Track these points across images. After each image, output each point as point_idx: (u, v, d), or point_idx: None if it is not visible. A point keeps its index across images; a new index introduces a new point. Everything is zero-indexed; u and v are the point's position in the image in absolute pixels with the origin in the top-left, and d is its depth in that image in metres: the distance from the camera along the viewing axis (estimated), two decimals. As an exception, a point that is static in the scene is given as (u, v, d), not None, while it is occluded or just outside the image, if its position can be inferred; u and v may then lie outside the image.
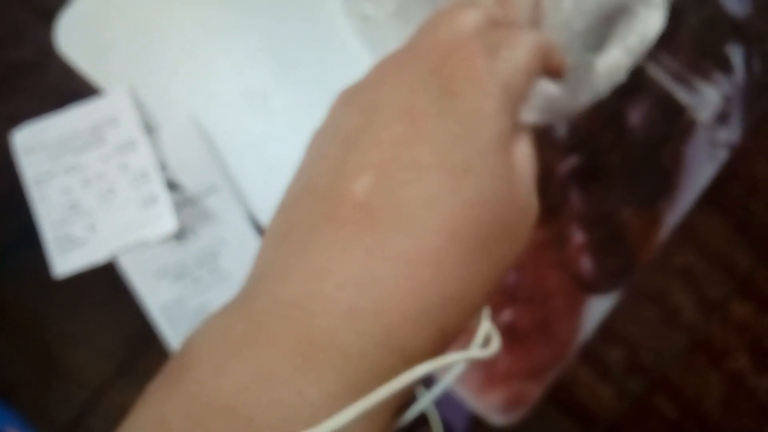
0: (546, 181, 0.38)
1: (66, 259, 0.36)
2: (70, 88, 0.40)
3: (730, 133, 0.38)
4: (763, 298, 0.44)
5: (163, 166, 0.38)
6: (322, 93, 0.38)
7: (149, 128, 0.38)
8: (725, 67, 0.39)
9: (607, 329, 0.45)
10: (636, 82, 0.38)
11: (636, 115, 0.38)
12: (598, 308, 0.37)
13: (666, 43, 0.39)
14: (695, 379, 0.46)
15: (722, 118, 0.38)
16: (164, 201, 0.37)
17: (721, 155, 0.38)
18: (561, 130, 0.38)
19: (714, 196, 0.45)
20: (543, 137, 0.38)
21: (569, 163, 0.38)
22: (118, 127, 0.37)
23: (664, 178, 0.38)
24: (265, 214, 0.38)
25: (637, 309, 0.45)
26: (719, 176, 0.45)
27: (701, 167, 0.38)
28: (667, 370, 0.45)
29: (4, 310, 0.44)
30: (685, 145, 0.38)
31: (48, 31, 0.39)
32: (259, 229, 0.39)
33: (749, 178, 0.45)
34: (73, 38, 0.38)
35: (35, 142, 0.37)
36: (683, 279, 0.45)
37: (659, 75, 0.38)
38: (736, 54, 0.39)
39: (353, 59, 0.38)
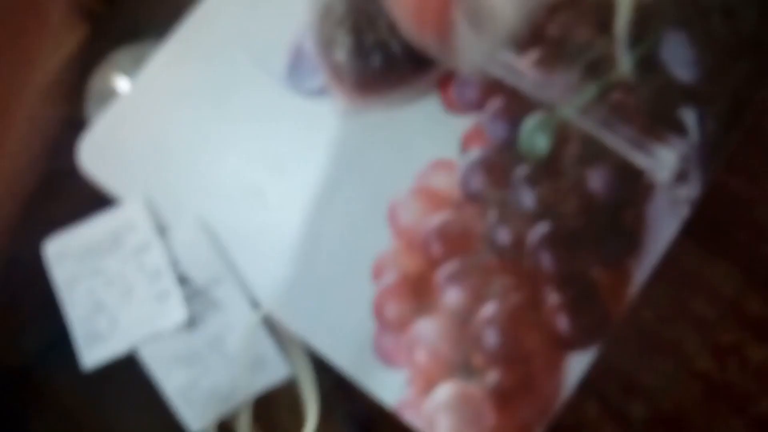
0: (518, 249, 0.41)
1: (92, 352, 0.41)
2: (98, 193, 0.45)
3: (690, 190, 0.41)
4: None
5: (175, 263, 0.42)
6: (311, 189, 0.43)
7: (161, 229, 0.43)
8: (679, 129, 0.42)
9: (626, 383, 0.46)
10: (595, 151, 0.42)
11: (597, 182, 0.41)
12: (578, 363, 0.39)
13: (621, 113, 0.42)
14: (720, 426, 0.46)
15: (681, 176, 0.41)
16: (176, 295, 0.41)
17: (683, 211, 0.41)
18: (529, 202, 0.41)
19: (721, 244, 0.47)
20: (513, 209, 0.41)
21: (539, 230, 0.41)
22: (134, 231, 0.42)
23: (629, 238, 0.40)
24: (266, 299, 0.42)
25: (652, 361, 0.47)
26: (725, 225, 0.47)
27: (664, 224, 0.40)
28: (691, 420, 0.46)
29: (49, 400, 0.49)
30: (647, 206, 0.41)
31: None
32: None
33: (755, 225, 0.47)
34: (93, 158, 0.44)
35: (63, 250, 0.42)
36: (695, 328, 0.47)
37: (616, 143, 0.42)
38: (689, 116, 0.42)
39: (339, 153, 0.43)
